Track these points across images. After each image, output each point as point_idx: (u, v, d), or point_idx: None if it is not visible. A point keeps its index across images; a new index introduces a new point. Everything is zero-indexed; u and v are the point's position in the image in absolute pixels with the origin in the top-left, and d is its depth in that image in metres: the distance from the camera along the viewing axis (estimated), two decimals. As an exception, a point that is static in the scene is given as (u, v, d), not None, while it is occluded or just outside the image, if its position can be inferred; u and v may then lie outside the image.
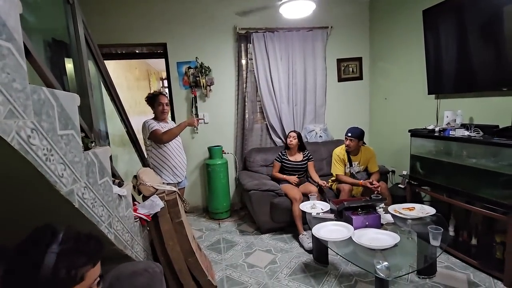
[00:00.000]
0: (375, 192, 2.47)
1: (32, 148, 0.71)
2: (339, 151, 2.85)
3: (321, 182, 2.78)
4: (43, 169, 0.75)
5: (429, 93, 2.74)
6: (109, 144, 2.86)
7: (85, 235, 0.80)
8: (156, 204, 1.71)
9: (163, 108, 2.50)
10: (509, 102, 2.08)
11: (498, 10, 2.06)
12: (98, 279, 0.80)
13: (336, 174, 2.83)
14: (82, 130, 1.17)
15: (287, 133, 3.32)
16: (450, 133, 2.25)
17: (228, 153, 3.48)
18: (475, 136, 2.08)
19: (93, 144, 1.16)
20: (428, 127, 2.53)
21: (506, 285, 1.86)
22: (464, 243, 2.32)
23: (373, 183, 2.59)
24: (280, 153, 3.04)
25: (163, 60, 3.42)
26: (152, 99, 2.52)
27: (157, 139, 2.40)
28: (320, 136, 3.57)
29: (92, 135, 1.31)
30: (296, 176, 2.92)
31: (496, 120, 2.16)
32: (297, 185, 2.85)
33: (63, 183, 0.84)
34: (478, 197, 2.03)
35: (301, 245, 2.54)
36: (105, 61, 1.82)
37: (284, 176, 2.90)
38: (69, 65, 1.54)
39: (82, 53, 1.35)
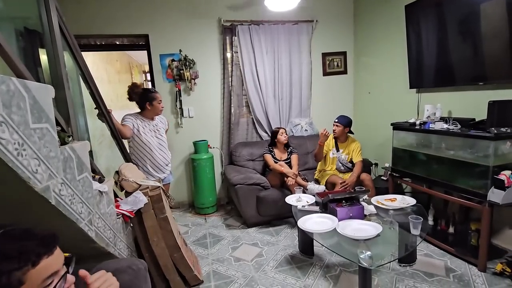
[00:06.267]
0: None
1: (2, 142, 0.67)
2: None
3: (295, 172, 2.81)
4: (15, 165, 0.71)
5: (410, 87, 2.81)
6: (89, 139, 2.76)
7: (15, 234, 0.69)
8: (140, 200, 1.67)
9: (162, 107, 2.46)
10: (484, 96, 2.16)
11: (475, 7, 2.12)
12: (56, 278, 0.69)
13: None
14: (58, 124, 1.12)
15: (273, 128, 3.32)
16: (430, 126, 2.32)
17: (213, 147, 3.45)
18: (453, 129, 2.15)
19: (70, 139, 1.11)
20: (409, 121, 2.60)
21: (480, 270, 1.96)
22: (442, 232, 2.42)
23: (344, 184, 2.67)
24: (268, 147, 3.04)
25: (145, 52, 3.31)
26: (150, 96, 2.37)
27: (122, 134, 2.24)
28: (306, 130, 3.60)
29: (69, 129, 1.25)
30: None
31: (473, 113, 2.25)
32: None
33: (37, 179, 0.80)
34: (456, 187, 2.12)
35: (313, 194, 2.35)
36: (83, 53, 1.73)
37: (283, 169, 2.79)
38: (43, 56, 1.46)
39: (57, 44, 1.28)
